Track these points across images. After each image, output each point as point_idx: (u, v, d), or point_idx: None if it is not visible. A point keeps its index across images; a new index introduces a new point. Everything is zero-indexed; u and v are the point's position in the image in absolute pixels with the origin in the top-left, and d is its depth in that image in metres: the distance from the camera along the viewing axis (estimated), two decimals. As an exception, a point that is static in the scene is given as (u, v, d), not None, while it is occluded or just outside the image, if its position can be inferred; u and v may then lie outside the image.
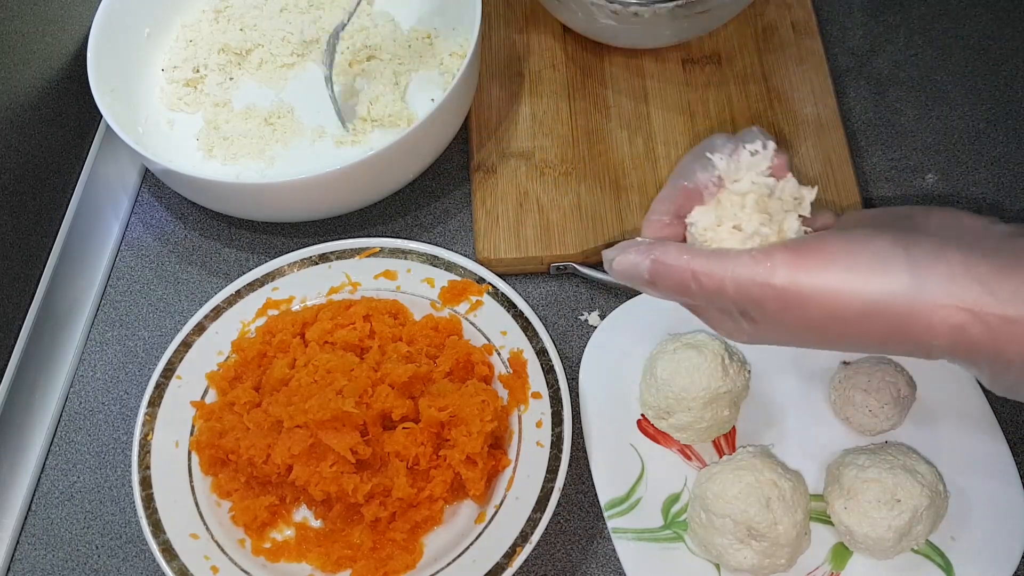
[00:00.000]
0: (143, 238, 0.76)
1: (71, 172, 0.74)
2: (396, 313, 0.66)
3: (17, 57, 0.68)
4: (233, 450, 0.60)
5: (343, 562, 0.59)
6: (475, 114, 0.76)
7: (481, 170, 0.74)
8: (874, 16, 0.84)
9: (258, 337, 0.66)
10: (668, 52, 0.78)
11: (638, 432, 0.62)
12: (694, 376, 0.58)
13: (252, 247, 0.75)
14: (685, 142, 0.74)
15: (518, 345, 0.64)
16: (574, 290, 0.71)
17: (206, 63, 0.80)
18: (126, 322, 0.72)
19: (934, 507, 0.55)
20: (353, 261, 0.69)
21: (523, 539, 0.57)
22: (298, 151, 0.75)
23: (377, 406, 0.60)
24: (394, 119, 0.75)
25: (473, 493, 0.59)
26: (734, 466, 0.56)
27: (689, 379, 0.58)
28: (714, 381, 0.58)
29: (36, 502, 0.66)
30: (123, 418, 0.68)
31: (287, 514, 0.62)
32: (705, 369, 0.58)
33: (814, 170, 0.72)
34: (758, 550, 0.55)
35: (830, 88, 0.76)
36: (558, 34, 0.80)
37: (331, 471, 0.58)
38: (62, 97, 0.73)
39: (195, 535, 0.59)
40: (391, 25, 0.81)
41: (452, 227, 0.75)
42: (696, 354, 0.59)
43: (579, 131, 0.75)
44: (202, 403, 0.64)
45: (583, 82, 0.78)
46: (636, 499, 0.60)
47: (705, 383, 0.58)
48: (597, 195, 0.72)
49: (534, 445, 0.61)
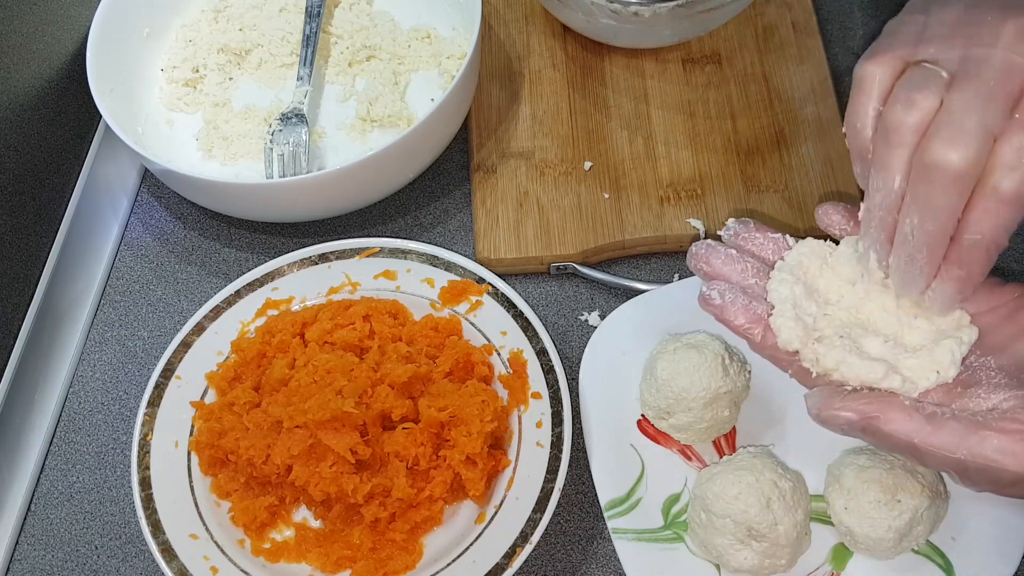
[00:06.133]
0: (142, 238, 0.76)
1: (70, 172, 0.74)
2: (396, 313, 0.66)
3: (17, 57, 0.68)
4: (233, 450, 0.60)
5: (343, 562, 0.59)
6: (475, 114, 0.76)
7: (481, 170, 0.74)
8: (874, 16, 0.83)
9: (258, 337, 0.66)
10: (668, 52, 0.78)
11: (638, 432, 0.62)
12: (694, 376, 0.58)
13: (252, 247, 0.75)
14: (685, 142, 0.74)
15: (518, 345, 0.64)
16: (574, 290, 0.71)
17: (205, 63, 0.79)
18: (126, 322, 0.72)
19: (934, 507, 0.55)
20: (353, 261, 0.69)
21: (523, 539, 0.57)
22: (298, 151, 0.75)
23: (377, 406, 0.59)
24: (394, 119, 0.75)
25: (473, 493, 0.59)
26: (734, 466, 0.56)
27: (689, 379, 0.58)
28: (714, 381, 0.58)
29: (36, 502, 0.66)
30: (123, 418, 0.68)
31: (287, 514, 0.61)
32: (705, 369, 0.58)
33: (814, 170, 0.72)
34: (758, 550, 0.55)
35: (830, 88, 0.76)
36: (558, 34, 0.80)
37: (331, 471, 0.58)
38: (61, 97, 0.73)
39: (195, 535, 0.59)
40: (391, 25, 0.81)
41: (452, 227, 0.74)
42: (696, 354, 0.59)
43: (579, 131, 0.75)
44: (202, 403, 0.64)
45: (583, 82, 0.78)
46: (636, 499, 0.60)
47: (705, 383, 0.58)
48: (597, 195, 0.72)
49: (534, 445, 0.60)
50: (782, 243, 0.52)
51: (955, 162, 0.40)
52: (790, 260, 0.50)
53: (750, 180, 0.72)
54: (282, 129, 0.73)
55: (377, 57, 0.79)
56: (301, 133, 0.73)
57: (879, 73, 0.44)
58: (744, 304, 0.49)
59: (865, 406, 0.43)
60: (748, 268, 0.51)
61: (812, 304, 0.47)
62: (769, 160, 0.73)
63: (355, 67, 0.79)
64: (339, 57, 0.79)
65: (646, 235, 0.70)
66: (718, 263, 0.51)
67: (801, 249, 0.50)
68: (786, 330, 0.46)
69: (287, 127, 0.74)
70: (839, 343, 0.45)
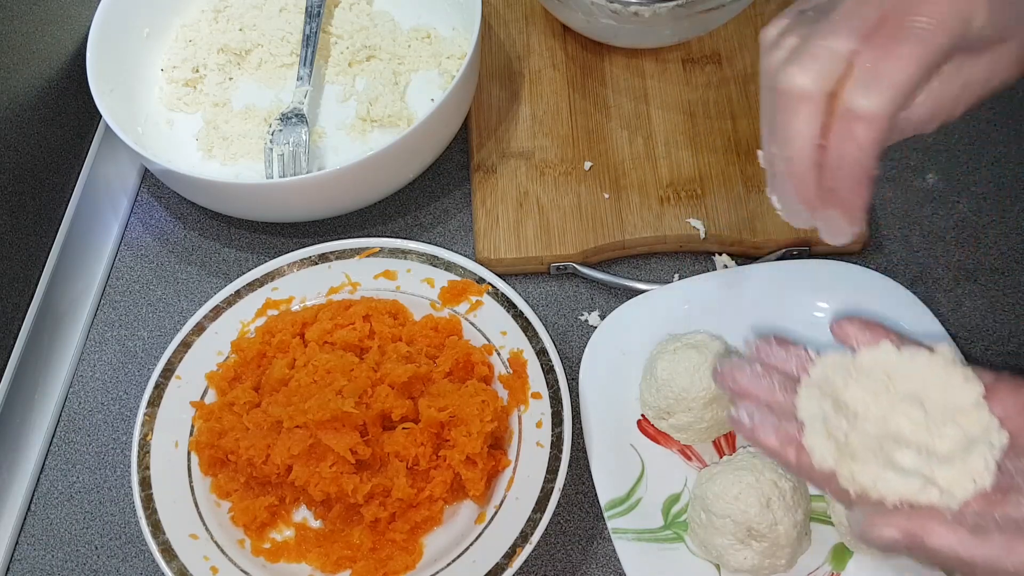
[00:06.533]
0: (142, 238, 0.76)
1: (70, 172, 0.74)
2: (396, 313, 0.66)
3: (17, 57, 0.68)
4: (233, 450, 0.60)
5: (343, 562, 0.59)
6: (475, 114, 0.76)
7: (481, 170, 0.74)
8: (874, 16, 0.83)
9: (258, 337, 0.66)
10: (668, 52, 0.78)
11: (638, 432, 0.62)
12: (694, 376, 0.58)
13: (252, 247, 0.75)
14: (685, 142, 0.74)
15: (518, 345, 0.64)
16: (574, 290, 0.71)
17: (205, 63, 0.80)
18: (125, 322, 0.72)
19: (935, 508, 0.55)
20: (353, 261, 0.69)
21: (523, 539, 0.57)
22: (298, 151, 0.75)
23: (377, 406, 0.59)
24: (394, 119, 0.75)
25: (473, 493, 0.59)
26: (734, 466, 0.56)
27: (689, 379, 0.58)
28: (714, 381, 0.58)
29: (36, 502, 0.66)
30: (123, 418, 0.68)
31: (287, 514, 0.62)
32: (705, 369, 0.58)
33: (814, 170, 0.72)
34: (758, 550, 0.55)
35: (830, 88, 0.76)
36: (558, 34, 0.80)
37: (331, 471, 0.58)
38: (61, 97, 0.73)
39: (195, 535, 0.59)
40: (391, 25, 0.81)
41: (452, 227, 0.74)
42: (696, 354, 0.59)
43: (579, 131, 0.75)
44: (201, 403, 0.64)
45: (583, 82, 0.78)
46: (636, 499, 0.60)
47: (705, 383, 0.58)
48: (597, 195, 0.72)
49: (534, 445, 0.60)
50: (804, 356, 0.52)
51: (798, 83, 0.41)
52: (815, 375, 0.50)
53: (750, 180, 0.72)
54: (282, 129, 0.73)
55: (377, 57, 0.79)
56: (301, 133, 0.73)
57: (773, 32, 0.46)
58: (774, 424, 0.49)
59: (907, 523, 0.42)
60: (775, 384, 0.51)
61: (842, 419, 0.47)
62: (769, 160, 0.73)
63: (355, 67, 0.79)
64: (339, 57, 0.79)
65: (646, 235, 0.70)
66: (744, 381, 0.51)
67: (825, 363, 0.50)
68: (820, 449, 0.46)
69: (287, 127, 0.74)
70: (873, 459, 0.45)
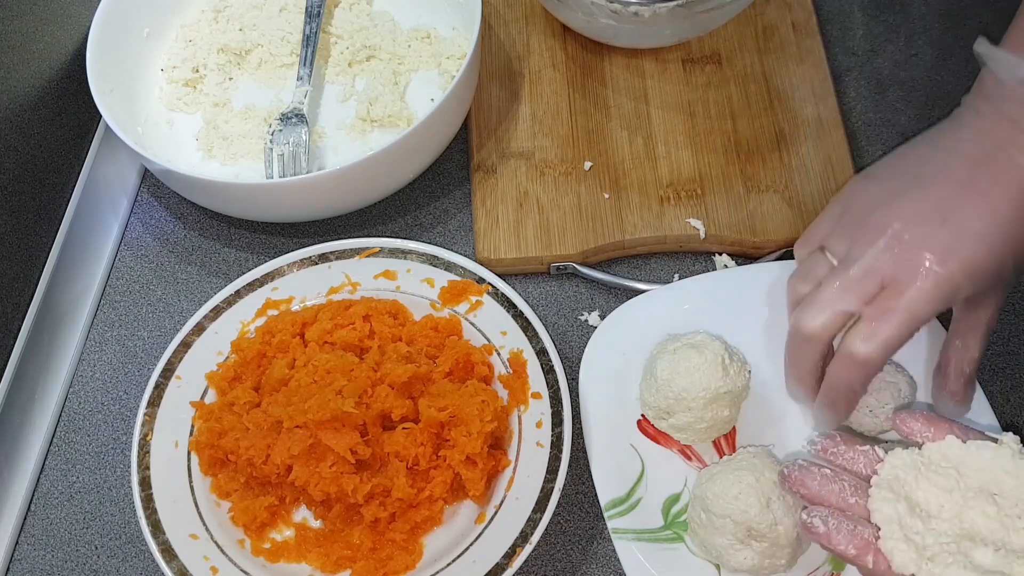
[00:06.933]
0: (142, 238, 0.76)
1: (70, 172, 0.74)
2: (396, 313, 0.66)
3: (17, 57, 0.68)
4: (233, 450, 0.60)
5: (343, 562, 0.59)
6: (475, 114, 0.76)
7: (481, 170, 0.74)
8: (874, 16, 0.84)
9: (258, 337, 0.66)
10: (668, 52, 0.78)
11: (638, 432, 0.62)
12: (694, 376, 0.58)
13: (252, 247, 0.75)
14: (685, 142, 0.74)
15: (518, 345, 0.64)
16: (574, 290, 0.71)
17: (205, 63, 0.79)
18: (125, 322, 0.72)
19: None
20: (353, 261, 0.69)
21: (523, 539, 0.57)
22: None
23: (377, 406, 0.59)
24: (394, 119, 0.75)
25: (473, 493, 0.59)
26: (734, 466, 0.56)
27: (689, 379, 0.58)
28: (714, 381, 0.58)
29: (35, 502, 0.66)
30: (122, 418, 0.68)
31: (287, 514, 0.62)
32: (705, 369, 0.58)
33: (814, 170, 0.72)
34: (758, 550, 0.55)
35: (830, 88, 0.76)
36: (558, 34, 0.80)
37: (331, 471, 0.58)
38: (61, 97, 0.73)
39: (195, 535, 0.59)
40: (391, 25, 0.81)
41: (452, 227, 0.74)
42: (696, 354, 0.59)
43: (579, 131, 0.75)
44: (201, 403, 0.64)
45: (583, 82, 0.78)
46: (636, 499, 0.60)
47: (705, 383, 0.58)
48: (597, 195, 0.72)
49: (534, 445, 0.60)
50: (872, 456, 0.52)
51: (807, 327, 0.54)
52: (885, 475, 0.49)
53: (750, 180, 0.72)
54: (282, 129, 0.73)
55: (377, 57, 0.79)
56: (301, 133, 0.73)
57: (802, 253, 0.58)
58: (850, 530, 0.49)
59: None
60: (846, 487, 0.51)
61: (917, 520, 0.46)
62: (769, 160, 0.73)
63: (355, 67, 0.79)
64: (339, 57, 0.79)
65: (646, 235, 0.70)
66: (815, 485, 0.51)
67: (894, 462, 0.50)
68: (899, 553, 0.46)
69: (287, 127, 0.74)
70: (952, 560, 0.45)
